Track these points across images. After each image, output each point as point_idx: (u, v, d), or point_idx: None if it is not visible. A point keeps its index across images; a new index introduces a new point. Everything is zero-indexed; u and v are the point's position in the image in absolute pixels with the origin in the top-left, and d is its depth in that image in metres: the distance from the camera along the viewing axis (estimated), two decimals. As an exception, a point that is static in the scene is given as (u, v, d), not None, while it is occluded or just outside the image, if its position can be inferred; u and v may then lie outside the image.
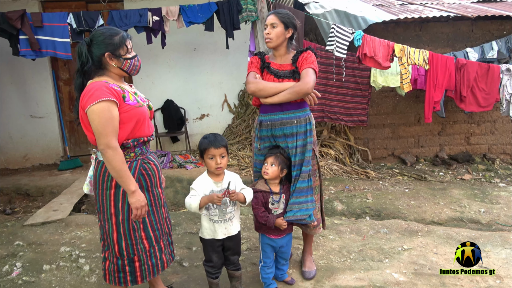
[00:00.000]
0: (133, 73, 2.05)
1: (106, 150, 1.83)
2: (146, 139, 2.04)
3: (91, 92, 1.83)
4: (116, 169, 1.85)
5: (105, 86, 1.86)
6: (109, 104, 1.83)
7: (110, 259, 2.06)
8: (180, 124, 5.96)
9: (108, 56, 1.93)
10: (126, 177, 1.87)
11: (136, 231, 2.01)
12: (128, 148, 1.97)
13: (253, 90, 2.41)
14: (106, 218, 2.00)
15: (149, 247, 2.07)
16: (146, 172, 2.03)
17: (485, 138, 5.74)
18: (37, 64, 5.39)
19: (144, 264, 2.06)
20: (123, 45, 1.94)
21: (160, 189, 2.16)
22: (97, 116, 1.81)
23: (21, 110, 5.72)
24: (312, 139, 2.46)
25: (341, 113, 5.05)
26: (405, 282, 2.57)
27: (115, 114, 1.85)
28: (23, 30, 4.32)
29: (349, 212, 4.02)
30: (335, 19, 4.77)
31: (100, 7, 5.31)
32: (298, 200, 2.41)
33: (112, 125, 1.83)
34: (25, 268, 2.88)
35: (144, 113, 2.01)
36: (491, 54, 5.06)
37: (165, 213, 2.20)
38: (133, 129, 1.95)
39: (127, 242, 2.00)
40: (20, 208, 4.42)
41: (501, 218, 3.71)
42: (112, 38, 1.93)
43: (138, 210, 1.92)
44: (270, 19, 2.45)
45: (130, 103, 1.93)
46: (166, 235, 2.19)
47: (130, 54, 1.98)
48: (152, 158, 2.11)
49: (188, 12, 4.65)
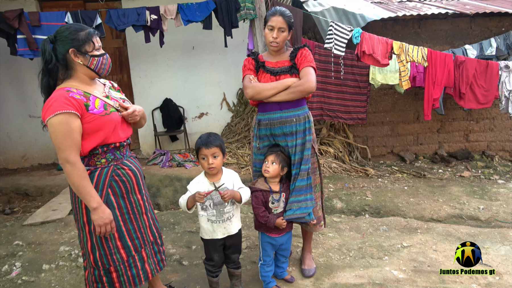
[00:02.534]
0: (102, 72, 1.91)
1: (64, 165, 1.75)
2: (118, 144, 1.93)
3: (49, 104, 1.75)
4: (75, 185, 1.77)
5: (64, 97, 1.75)
6: (68, 116, 1.72)
7: (88, 269, 1.98)
8: (179, 123, 5.95)
9: (72, 52, 1.81)
10: (85, 193, 1.78)
11: (110, 241, 1.90)
12: (98, 155, 1.87)
13: (251, 95, 2.40)
14: (80, 227, 1.92)
15: (127, 257, 1.95)
16: (119, 178, 1.92)
17: (484, 135, 5.74)
18: (35, 64, 5.36)
19: (122, 275, 1.95)
20: (89, 41, 1.83)
21: (140, 195, 2.03)
22: (55, 130, 1.73)
23: (20, 110, 5.70)
24: (311, 137, 2.45)
25: (340, 111, 5.05)
26: (405, 279, 2.57)
27: (75, 126, 1.75)
28: (20, 29, 4.30)
29: (349, 210, 4.02)
30: (334, 16, 4.76)
31: (98, 6, 5.28)
32: (297, 199, 2.40)
33: (70, 138, 1.74)
34: (24, 268, 2.87)
35: (113, 121, 1.87)
36: (490, 51, 5.06)
37: (147, 220, 2.07)
38: (100, 138, 1.84)
39: (101, 252, 1.90)
40: (19, 208, 4.41)
41: (500, 215, 3.72)
42: (77, 33, 1.81)
43: (102, 228, 1.82)
44: (278, 22, 2.35)
45: (94, 112, 1.81)
46: (150, 244, 2.08)
47: (98, 51, 1.86)
48: (128, 164, 1.98)
49: (186, 10, 4.63)
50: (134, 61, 5.84)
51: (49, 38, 1.84)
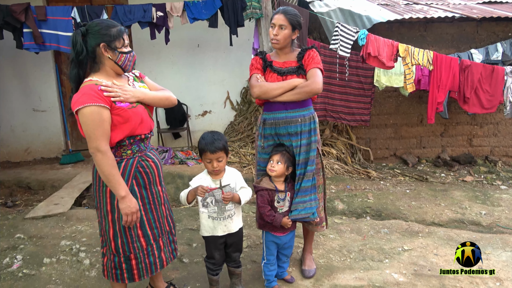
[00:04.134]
0: (128, 69, 1.98)
1: (95, 154, 1.81)
2: (144, 136, 2.00)
3: (79, 96, 1.81)
4: (105, 173, 1.83)
5: (94, 90, 1.81)
6: (99, 107, 1.80)
7: (108, 256, 2.05)
8: (182, 121, 5.96)
9: (103, 47, 1.87)
10: (115, 181, 1.84)
11: (132, 229, 1.99)
12: (124, 146, 1.94)
13: (258, 94, 2.40)
14: (103, 215, 1.99)
15: (146, 246, 2.04)
16: (143, 170, 2.00)
17: (488, 140, 5.72)
18: (40, 58, 5.39)
19: (141, 262, 2.03)
20: (120, 37, 1.89)
21: (160, 186, 2.12)
22: (87, 120, 1.79)
23: (24, 104, 5.72)
24: (316, 137, 2.45)
25: (344, 112, 5.04)
26: (405, 282, 2.57)
27: (106, 117, 1.82)
28: (27, 23, 4.31)
29: (350, 212, 4.02)
30: (340, 17, 4.75)
31: (104, 2, 5.29)
32: (303, 199, 2.41)
33: (102, 128, 1.80)
34: (25, 261, 2.89)
35: (139, 113, 1.94)
36: (496, 56, 5.03)
37: (165, 211, 2.16)
38: (128, 130, 1.91)
39: (123, 240, 1.98)
40: (21, 201, 4.43)
41: (502, 220, 3.71)
42: (109, 29, 1.88)
43: (129, 216, 1.89)
44: (278, 19, 2.37)
45: (122, 105, 1.88)
46: (166, 233, 2.16)
47: (126, 48, 1.93)
48: (151, 156, 2.06)
49: (192, 8, 4.63)
50: (139, 58, 5.70)
51: (80, 31, 1.88)
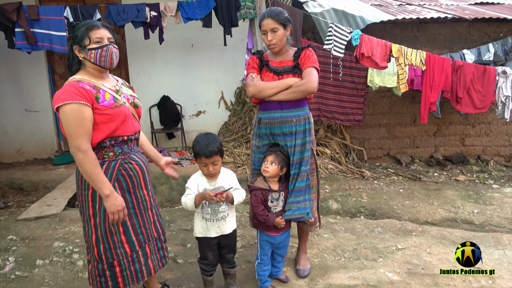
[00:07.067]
0: (104, 64, 1.88)
1: (76, 153, 1.77)
2: (126, 138, 1.93)
3: (61, 93, 1.78)
4: (87, 172, 1.78)
5: (74, 87, 1.78)
6: (80, 105, 1.76)
7: (92, 262, 1.98)
8: (176, 121, 5.94)
9: (76, 49, 1.87)
10: (98, 180, 1.79)
11: (115, 235, 1.92)
12: (106, 148, 1.88)
13: (253, 93, 2.40)
14: (85, 219, 1.93)
15: (131, 252, 1.96)
16: (126, 173, 1.93)
17: (480, 140, 5.77)
18: (33, 58, 5.34)
19: (125, 269, 1.96)
20: (86, 35, 1.83)
21: (146, 191, 2.04)
22: (67, 118, 1.76)
23: (16, 104, 5.66)
24: (311, 138, 2.46)
25: (338, 112, 5.06)
26: (399, 281, 2.58)
27: (87, 115, 1.78)
28: (19, 22, 4.27)
29: (344, 211, 4.03)
30: (333, 18, 4.77)
31: (98, 1, 5.26)
32: (296, 199, 2.41)
33: (82, 126, 1.76)
34: (18, 263, 2.86)
35: (123, 113, 1.89)
36: (488, 56, 5.09)
37: (152, 216, 2.08)
38: (109, 130, 1.86)
39: (105, 245, 1.92)
40: (14, 202, 4.38)
41: (494, 219, 3.74)
42: (79, 29, 1.85)
43: (115, 215, 1.84)
44: (268, 24, 2.34)
45: (105, 104, 1.83)
46: (153, 240, 2.09)
47: (95, 44, 1.85)
48: (135, 158, 1.99)
49: (186, 8, 4.62)
50: (133, 58, 5.82)
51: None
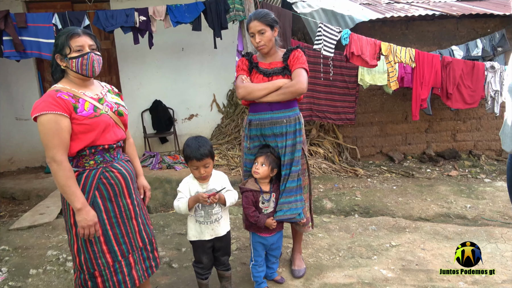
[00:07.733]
0: (86, 72, 1.86)
1: (51, 164, 1.75)
2: (108, 146, 1.90)
3: (38, 103, 1.76)
4: (60, 183, 1.76)
5: (52, 97, 1.76)
6: (57, 115, 1.73)
7: (76, 272, 1.95)
8: (169, 125, 5.93)
9: (57, 57, 1.85)
10: (70, 192, 1.76)
11: (95, 245, 1.87)
12: (86, 156, 1.85)
13: (243, 95, 2.41)
14: (68, 228, 1.90)
15: (113, 262, 1.91)
16: (107, 181, 1.89)
17: (471, 135, 5.82)
18: (22, 66, 5.30)
19: (107, 280, 1.90)
20: (66, 44, 1.81)
21: (129, 199, 1.98)
22: (44, 128, 1.73)
23: (6, 113, 5.61)
24: (301, 138, 2.46)
25: (329, 111, 5.08)
26: (393, 278, 2.60)
27: (64, 126, 1.75)
28: (6, 31, 4.23)
29: (338, 210, 4.05)
30: (323, 18, 4.79)
31: (86, 7, 5.23)
32: (287, 200, 2.41)
33: (58, 137, 1.74)
34: (11, 273, 2.83)
35: (103, 123, 1.86)
36: (476, 52, 5.14)
37: (137, 225, 2.02)
38: (89, 140, 1.83)
39: (85, 255, 1.88)
40: (6, 212, 4.34)
41: (486, 213, 3.78)
42: (59, 38, 1.83)
43: (85, 229, 1.80)
44: (255, 26, 2.36)
45: (83, 114, 1.80)
46: (138, 250, 2.02)
47: (76, 52, 1.82)
48: (118, 166, 1.94)
49: (175, 12, 4.61)
50: (123, 63, 5.79)
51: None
